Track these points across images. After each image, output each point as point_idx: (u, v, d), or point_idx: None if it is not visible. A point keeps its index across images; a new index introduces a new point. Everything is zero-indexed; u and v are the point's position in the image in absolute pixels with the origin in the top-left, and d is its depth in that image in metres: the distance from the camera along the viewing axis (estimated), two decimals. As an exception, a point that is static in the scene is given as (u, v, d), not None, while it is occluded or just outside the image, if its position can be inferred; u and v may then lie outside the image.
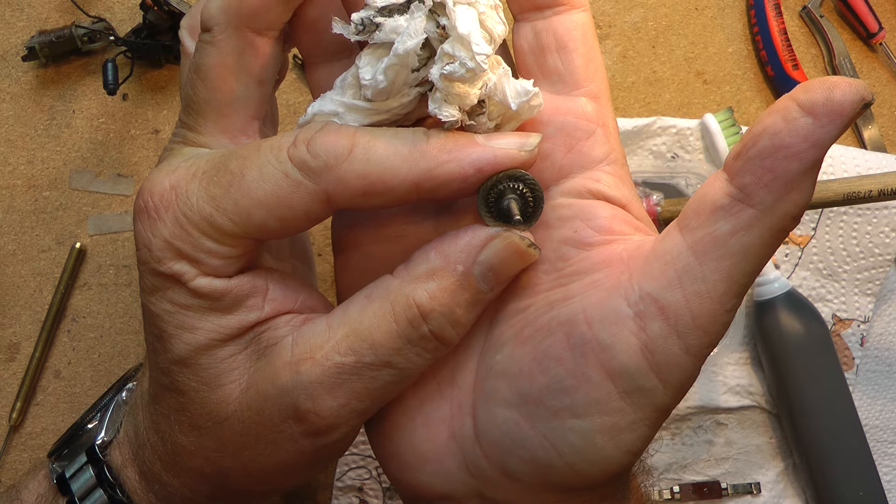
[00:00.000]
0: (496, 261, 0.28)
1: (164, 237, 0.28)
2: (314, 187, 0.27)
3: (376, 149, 0.27)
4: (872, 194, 0.47)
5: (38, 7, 0.60)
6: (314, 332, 0.29)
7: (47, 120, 0.59)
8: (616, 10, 0.64)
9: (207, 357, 0.29)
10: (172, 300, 0.29)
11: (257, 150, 0.28)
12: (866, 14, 0.64)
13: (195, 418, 0.30)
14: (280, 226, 0.28)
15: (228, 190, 0.27)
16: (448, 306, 0.28)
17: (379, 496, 0.58)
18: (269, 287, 0.30)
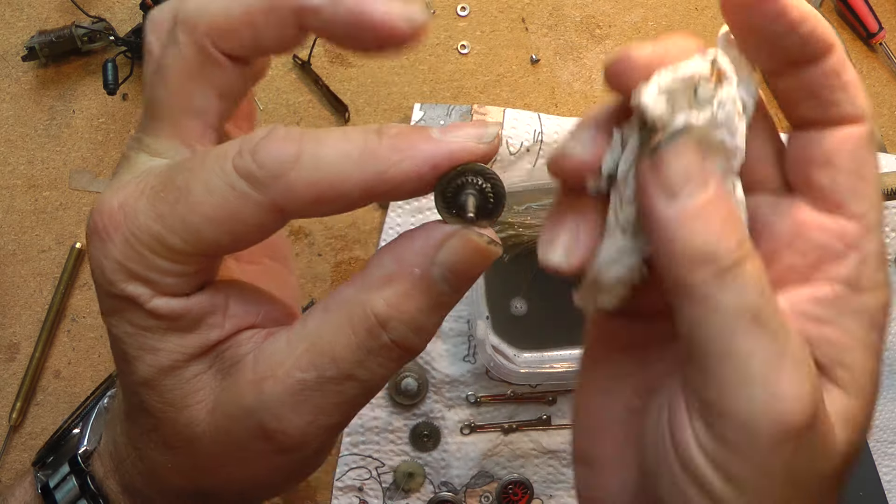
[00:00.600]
0: (455, 260, 0.27)
1: (115, 258, 0.27)
2: (262, 199, 0.25)
3: (325, 154, 0.25)
4: (872, 194, 0.47)
5: (38, 7, 0.60)
6: (275, 349, 0.28)
7: (47, 120, 0.59)
8: (616, 10, 0.64)
9: (171, 378, 0.28)
10: (131, 322, 0.28)
11: (202, 162, 0.26)
12: (866, 14, 0.64)
13: (167, 438, 0.30)
14: (232, 241, 0.26)
15: (175, 207, 0.26)
16: (407, 313, 0.27)
17: (379, 496, 0.58)
18: (230, 303, 0.29)
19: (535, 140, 0.58)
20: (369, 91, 0.61)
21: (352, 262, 0.59)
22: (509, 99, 0.62)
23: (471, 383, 0.58)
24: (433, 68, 0.61)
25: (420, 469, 0.57)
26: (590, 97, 0.62)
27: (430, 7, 0.62)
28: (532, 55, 0.62)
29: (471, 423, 0.58)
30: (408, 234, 0.27)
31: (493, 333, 0.56)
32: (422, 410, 0.58)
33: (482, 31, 0.62)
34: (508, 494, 0.58)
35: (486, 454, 0.58)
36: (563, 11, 0.63)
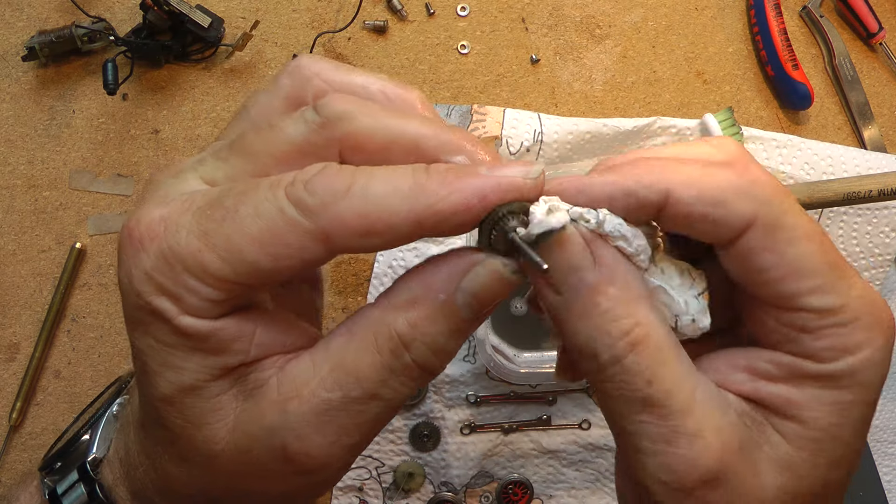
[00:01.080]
0: (479, 288, 0.28)
1: (146, 269, 0.27)
2: (311, 226, 0.26)
3: (374, 187, 0.26)
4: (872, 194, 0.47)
5: (38, 7, 0.60)
6: (299, 370, 0.28)
7: (47, 120, 0.59)
8: (616, 10, 0.64)
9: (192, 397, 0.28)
10: (155, 336, 0.28)
11: (255, 187, 0.27)
12: (866, 14, 0.64)
13: (184, 452, 0.30)
14: (272, 266, 0.26)
15: (221, 224, 0.26)
16: (430, 335, 0.28)
17: (379, 496, 0.58)
18: (257, 331, 0.28)
19: (535, 140, 0.58)
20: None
21: (351, 262, 0.59)
22: (509, 99, 0.62)
23: (471, 383, 0.58)
24: (433, 68, 0.61)
25: (420, 469, 0.57)
26: (590, 97, 0.62)
27: (431, 7, 0.62)
28: (532, 55, 0.62)
29: (471, 423, 0.58)
30: (435, 260, 0.28)
31: (493, 333, 0.56)
32: (422, 410, 0.58)
33: (482, 31, 0.62)
34: (508, 494, 0.58)
35: (486, 454, 0.58)
36: (563, 11, 0.63)
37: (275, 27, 0.61)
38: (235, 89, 0.60)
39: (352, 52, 0.61)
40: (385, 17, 0.62)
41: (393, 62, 0.61)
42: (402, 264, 0.57)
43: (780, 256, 0.27)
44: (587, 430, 0.59)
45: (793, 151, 0.60)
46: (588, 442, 0.59)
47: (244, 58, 0.60)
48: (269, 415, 0.28)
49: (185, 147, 0.59)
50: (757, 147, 0.60)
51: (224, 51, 0.60)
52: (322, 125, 0.28)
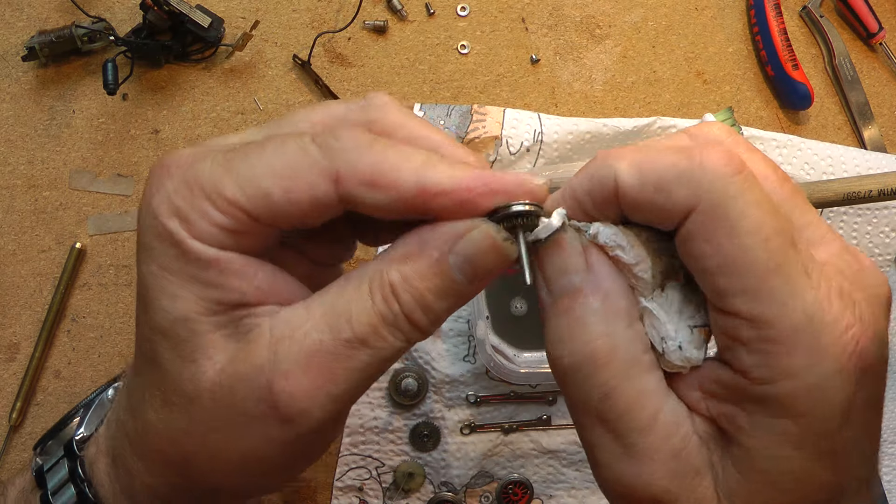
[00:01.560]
0: (472, 251, 0.28)
1: (167, 192, 0.28)
2: (325, 164, 0.27)
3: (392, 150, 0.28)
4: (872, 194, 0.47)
5: (38, 7, 0.60)
6: (293, 314, 0.29)
7: (47, 120, 0.59)
8: (616, 10, 0.64)
9: (184, 328, 0.29)
10: (159, 262, 0.29)
11: (287, 133, 0.29)
12: (866, 14, 0.64)
13: (168, 394, 0.30)
14: (283, 198, 0.28)
15: (246, 156, 0.28)
16: (419, 290, 0.28)
17: (379, 496, 0.58)
18: (259, 274, 0.29)
19: (535, 140, 0.58)
20: (369, 91, 0.61)
21: (351, 263, 0.59)
22: (509, 99, 0.62)
23: (471, 383, 0.58)
24: (433, 68, 0.61)
25: (420, 469, 0.57)
26: (590, 97, 0.62)
27: (431, 7, 0.62)
28: (532, 55, 0.62)
29: (471, 423, 0.58)
30: (435, 223, 0.29)
31: (493, 333, 0.56)
32: (422, 410, 0.58)
33: (482, 31, 0.62)
34: (508, 494, 0.58)
35: (486, 454, 0.58)
36: (563, 11, 0.63)
37: (275, 27, 0.61)
38: (235, 89, 0.60)
39: (352, 52, 0.61)
40: (385, 17, 0.62)
41: (393, 62, 0.61)
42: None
43: (717, 248, 0.25)
44: (587, 430, 0.58)
45: (793, 151, 0.60)
46: (588, 442, 0.59)
47: (244, 58, 0.60)
48: (258, 354, 0.28)
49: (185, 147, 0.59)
50: (757, 147, 0.60)
51: (224, 51, 0.60)
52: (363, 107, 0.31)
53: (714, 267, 0.26)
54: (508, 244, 0.28)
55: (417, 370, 0.57)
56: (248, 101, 0.60)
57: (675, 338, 0.28)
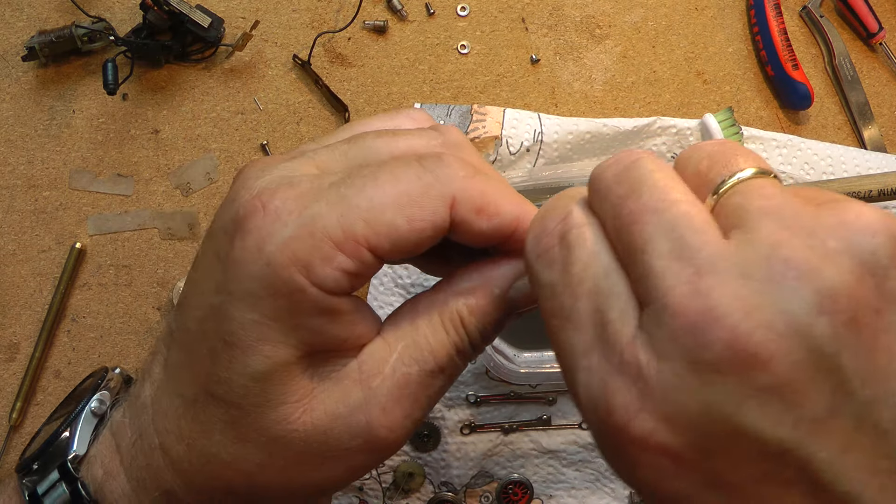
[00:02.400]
0: (530, 289, 0.31)
1: (282, 240, 0.27)
2: (442, 189, 0.29)
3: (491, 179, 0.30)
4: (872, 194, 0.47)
5: (38, 7, 0.60)
6: (375, 350, 0.31)
7: (47, 120, 0.59)
8: (616, 10, 0.64)
9: (279, 375, 0.29)
10: (263, 311, 0.28)
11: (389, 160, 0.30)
12: (866, 14, 0.64)
13: (246, 433, 0.30)
14: (408, 227, 0.28)
15: (362, 190, 0.28)
16: (482, 321, 0.31)
17: (379, 496, 0.58)
18: (360, 323, 0.31)
19: (535, 140, 0.58)
20: (369, 91, 0.61)
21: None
22: (509, 99, 0.62)
23: (471, 383, 0.58)
24: (433, 68, 0.61)
25: (420, 469, 0.57)
26: (590, 97, 0.62)
27: (431, 7, 0.62)
28: (532, 55, 0.62)
29: (471, 423, 0.58)
30: (494, 260, 0.32)
31: (493, 333, 0.56)
32: (422, 410, 0.58)
33: (482, 31, 0.62)
34: (508, 494, 0.58)
35: (486, 454, 0.58)
36: (563, 11, 0.63)
37: (275, 27, 0.61)
38: (235, 89, 0.60)
39: (352, 52, 0.61)
40: (385, 17, 0.62)
41: (393, 62, 0.61)
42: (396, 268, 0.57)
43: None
44: (587, 430, 0.59)
45: (793, 151, 0.60)
46: (588, 442, 0.59)
47: (244, 58, 0.61)
48: (353, 393, 0.30)
49: (185, 147, 0.59)
50: (757, 147, 0.60)
51: (224, 51, 0.60)
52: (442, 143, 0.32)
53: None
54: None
55: (417, 370, 0.57)
56: (248, 101, 0.60)
57: None
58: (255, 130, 0.60)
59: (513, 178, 0.55)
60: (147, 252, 0.58)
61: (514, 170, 0.58)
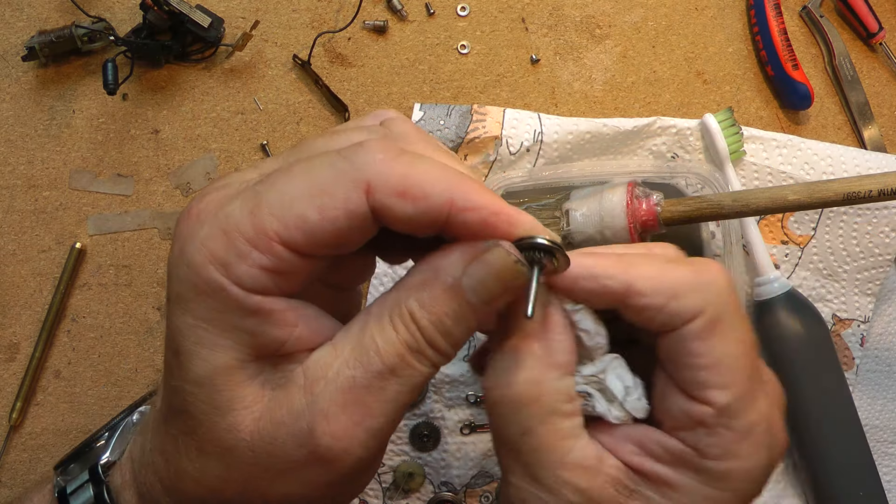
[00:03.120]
0: (484, 274, 0.28)
1: (200, 239, 0.28)
2: (356, 175, 0.27)
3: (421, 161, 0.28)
4: (872, 194, 0.47)
5: (38, 7, 0.60)
6: (321, 356, 0.29)
7: (47, 120, 0.59)
8: (616, 10, 0.64)
9: (223, 378, 0.28)
10: (195, 313, 0.28)
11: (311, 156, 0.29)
12: (866, 14, 0.64)
13: (203, 444, 0.29)
14: (319, 218, 0.27)
15: (273, 185, 0.28)
16: (436, 315, 0.29)
17: (379, 496, 0.58)
18: (300, 323, 0.29)
19: (535, 140, 0.58)
20: (369, 91, 0.61)
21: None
22: (509, 99, 0.62)
23: (471, 383, 0.58)
24: (433, 68, 0.61)
25: (420, 469, 0.57)
26: (590, 97, 0.62)
27: (431, 7, 0.62)
28: (532, 55, 0.62)
29: (471, 423, 0.58)
30: (446, 247, 0.29)
31: (493, 333, 0.56)
32: (422, 410, 0.58)
33: (482, 31, 0.62)
34: (508, 494, 0.58)
35: (486, 454, 0.58)
36: (563, 11, 0.63)
37: (275, 27, 0.61)
38: (235, 89, 0.60)
39: (352, 52, 0.61)
40: (385, 17, 0.62)
41: (393, 62, 0.61)
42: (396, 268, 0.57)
43: (710, 348, 0.30)
44: (587, 430, 0.58)
45: (793, 151, 0.60)
46: (588, 442, 0.58)
47: (244, 58, 0.61)
48: (296, 399, 0.28)
49: (185, 147, 0.59)
50: (757, 147, 0.60)
51: (224, 51, 0.60)
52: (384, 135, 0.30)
53: (703, 364, 0.30)
54: (520, 267, 0.29)
55: (417, 370, 0.57)
56: (248, 101, 0.60)
57: (622, 397, 0.32)
58: (255, 130, 0.60)
59: (513, 178, 0.55)
60: (147, 252, 0.58)
61: (514, 170, 0.58)
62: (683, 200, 0.51)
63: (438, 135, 0.58)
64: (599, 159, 0.59)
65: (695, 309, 0.30)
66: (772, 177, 0.60)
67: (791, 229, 0.60)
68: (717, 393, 0.30)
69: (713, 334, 0.30)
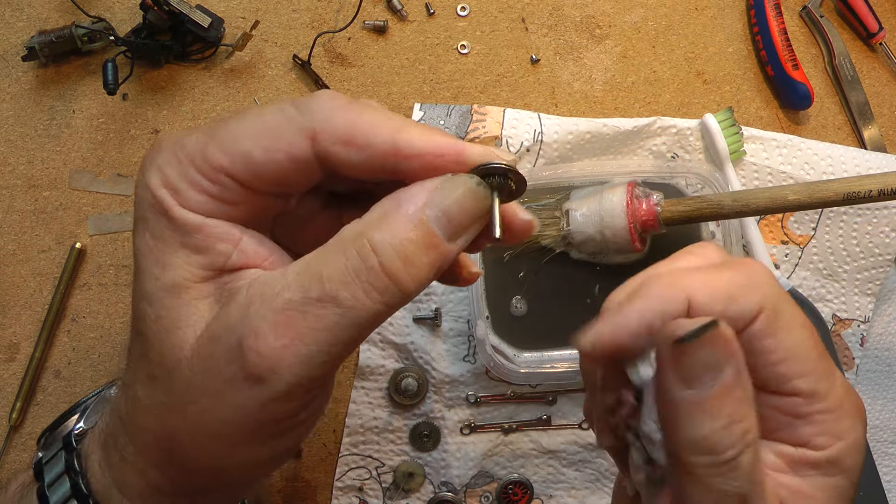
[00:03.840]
0: (448, 202, 0.29)
1: (157, 164, 0.30)
2: (303, 121, 0.29)
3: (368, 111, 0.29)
4: (872, 194, 0.47)
5: (38, 7, 0.60)
6: (269, 277, 0.29)
7: (47, 120, 0.59)
8: (616, 10, 0.64)
9: (172, 296, 0.30)
10: (151, 231, 0.30)
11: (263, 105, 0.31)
12: (866, 14, 0.64)
13: (152, 366, 0.30)
14: (263, 157, 0.29)
15: (227, 124, 0.30)
16: (398, 239, 0.28)
17: (379, 496, 0.58)
18: (243, 238, 0.31)
19: (535, 140, 0.58)
20: (369, 91, 0.61)
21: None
22: (509, 99, 0.62)
23: (471, 383, 0.58)
24: (433, 68, 0.61)
25: (420, 469, 0.57)
26: (590, 97, 0.62)
27: (431, 7, 0.62)
28: (532, 55, 0.62)
29: (471, 423, 0.58)
30: (405, 186, 0.30)
31: (493, 333, 0.56)
32: (422, 410, 0.58)
33: (482, 31, 0.62)
34: (508, 494, 0.58)
35: (486, 454, 0.58)
36: (563, 11, 0.63)
37: (275, 27, 0.61)
38: (235, 89, 0.60)
39: (352, 52, 0.61)
40: (385, 17, 0.62)
41: (393, 62, 0.61)
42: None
43: (779, 342, 0.30)
44: (587, 430, 0.59)
45: (793, 151, 0.60)
46: (588, 442, 0.59)
47: (244, 58, 0.60)
48: (232, 315, 0.29)
49: (185, 147, 0.59)
50: (757, 147, 0.60)
51: (224, 51, 0.60)
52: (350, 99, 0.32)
53: (778, 358, 0.30)
54: (483, 189, 0.29)
55: (417, 370, 0.57)
56: (248, 101, 0.60)
57: None
58: (255, 130, 0.60)
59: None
60: (147, 252, 0.58)
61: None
62: (683, 200, 0.51)
63: (438, 135, 0.58)
64: (599, 159, 0.59)
65: (755, 307, 0.30)
66: (772, 177, 0.60)
67: (791, 229, 0.60)
68: (800, 382, 0.30)
69: (778, 328, 0.30)
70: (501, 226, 0.30)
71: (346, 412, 0.58)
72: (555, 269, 0.55)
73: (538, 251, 0.55)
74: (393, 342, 0.57)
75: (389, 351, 0.58)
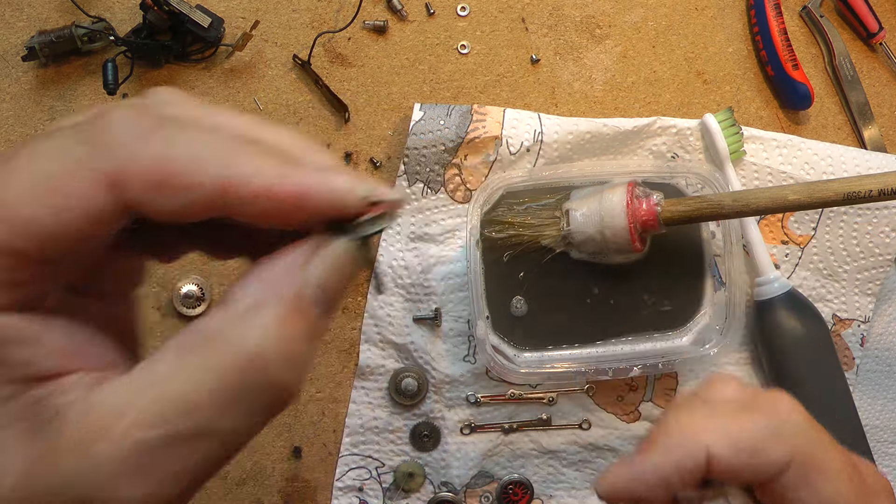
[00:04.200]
0: (328, 274, 0.23)
1: None
2: (98, 165, 0.21)
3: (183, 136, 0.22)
4: (872, 194, 0.47)
5: (38, 7, 0.60)
6: (112, 397, 0.22)
7: (47, 120, 0.59)
8: (616, 10, 0.64)
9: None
10: None
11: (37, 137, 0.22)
12: (866, 14, 0.64)
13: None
14: (53, 220, 0.21)
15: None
16: (284, 342, 0.22)
17: (379, 496, 0.58)
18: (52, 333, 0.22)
19: (535, 140, 0.58)
20: (369, 91, 0.61)
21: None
22: (509, 99, 0.62)
23: (471, 383, 0.58)
24: (433, 68, 0.61)
25: (420, 469, 0.57)
26: (590, 97, 0.62)
27: (431, 7, 0.62)
28: (532, 55, 0.62)
29: (471, 423, 0.58)
30: (269, 257, 0.24)
31: (493, 333, 0.56)
32: (422, 410, 0.58)
33: (482, 31, 0.62)
34: (508, 494, 0.58)
35: (486, 454, 0.58)
36: (563, 11, 0.63)
37: (275, 27, 0.61)
38: (235, 89, 0.60)
39: (352, 52, 0.61)
40: (385, 17, 0.62)
41: (393, 62, 0.61)
42: (403, 264, 0.57)
43: (814, 493, 0.28)
44: (587, 430, 0.59)
45: (793, 151, 0.60)
46: (588, 442, 0.59)
47: (244, 58, 0.60)
48: (68, 459, 0.21)
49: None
50: (757, 147, 0.60)
51: (224, 51, 0.60)
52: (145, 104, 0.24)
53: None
54: (365, 252, 0.24)
55: (417, 370, 0.57)
56: (248, 101, 0.60)
57: None
58: (255, 130, 0.60)
59: (513, 178, 0.55)
60: (147, 252, 0.58)
61: (515, 170, 0.58)
62: (683, 200, 0.51)
63: (438, 135, 0.58)
64: (599, 159, 0.59)
65: (783, 460, 0.28)
66: (772, 177, 0.60)
67: (791, 229, 0.60)
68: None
69: (810, 480, 0.28)
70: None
71: (346, 412, 0.58)
72: (555, 269, 0.55)
73: (538, 251, 0.55)
74: (393, 342, 0.57)
75: (389, 351, 0.58)
